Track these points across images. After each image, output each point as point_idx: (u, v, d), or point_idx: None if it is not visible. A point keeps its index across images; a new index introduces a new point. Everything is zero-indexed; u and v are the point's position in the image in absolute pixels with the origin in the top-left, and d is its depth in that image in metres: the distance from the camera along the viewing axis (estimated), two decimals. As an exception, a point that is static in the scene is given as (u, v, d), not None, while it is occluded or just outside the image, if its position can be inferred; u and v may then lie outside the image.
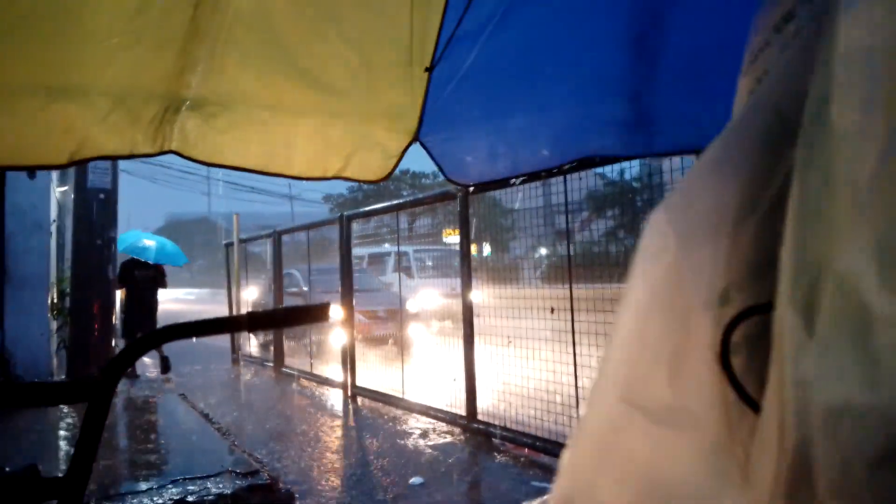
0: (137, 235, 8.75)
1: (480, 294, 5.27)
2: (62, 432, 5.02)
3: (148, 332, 0.96)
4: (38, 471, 0.87)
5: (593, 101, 1.39)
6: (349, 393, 6.49)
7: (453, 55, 1.42)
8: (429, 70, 1.44)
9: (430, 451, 4.51)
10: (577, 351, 4.11)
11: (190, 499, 3.41)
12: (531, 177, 1.65)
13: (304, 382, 7.61)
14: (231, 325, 1.06)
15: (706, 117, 1.26)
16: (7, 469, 0.86)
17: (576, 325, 4.14)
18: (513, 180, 3.30)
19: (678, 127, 1.31)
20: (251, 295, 10.03)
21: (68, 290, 7.66)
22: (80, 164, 1.40)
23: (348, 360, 6.59)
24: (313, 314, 1.10)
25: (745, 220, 0.29)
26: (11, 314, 6.93)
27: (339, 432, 5.31)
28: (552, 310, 4.68)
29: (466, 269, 4.95)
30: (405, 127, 1.55)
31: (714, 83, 1.22)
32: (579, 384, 4.05)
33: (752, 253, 0.29)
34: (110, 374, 0.92)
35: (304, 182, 1.58)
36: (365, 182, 1.60)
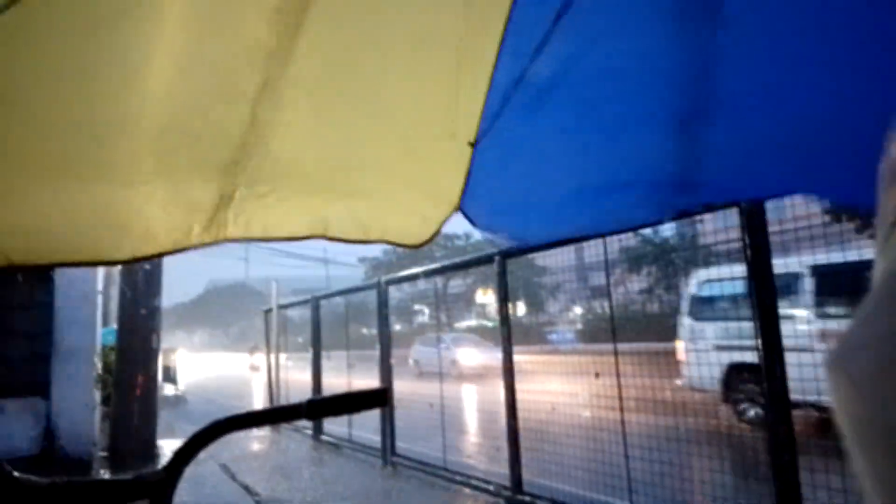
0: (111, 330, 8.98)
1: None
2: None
3: (210, 425, 0.96)
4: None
5: (637, 183, 1.40)
6: (388, 461, 6.36)
7: (497, 131, 1.45)
8: (472, 145, 1.47)
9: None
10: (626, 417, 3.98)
11: (232, 578, 3.33)
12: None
13: (344, 449, 7.50)
14: (291, 413, 1.05)
15: (748, 192, 1.27)
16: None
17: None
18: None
19: (719, 195, 1.33)
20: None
21: (113, 360, 7.78)
22: (142, 261, 1.44)
23: (388, 427, 6.49)
24: (372, 399, 1.09)
25: None
26: (58, 386, 7.05)
27: (379, 503, 5.18)
28: (596, 374, 4.57)
29: (506, 331, 4.89)
30: (447, 198, 1.58)
31: (758, 166, 1.23)
32: (629, 452, 3.90)
33: None
34: (173, 469, 0.91)
35: (340, 245, 1.62)
36: (405, 246, 1.62)
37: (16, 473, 0.84)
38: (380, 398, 1.09)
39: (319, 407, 1.04)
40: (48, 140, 1.19)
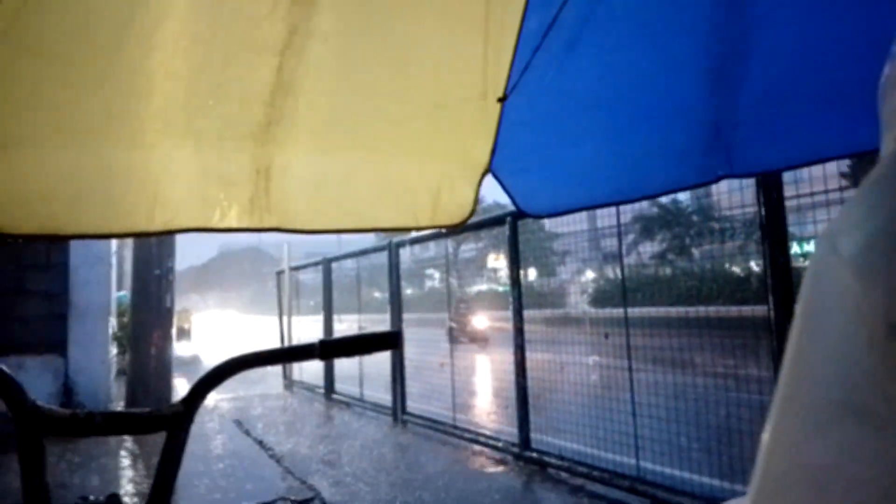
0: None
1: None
2: (125, 461, 5.15)
3: (223, 363, 0.98)
4: (119, 499, 0.88)
5: (669, 131, 1.37)
6: (400, 419, 6.47)
7: (526, 84, 1.41)
8: (501, 100, 1.44)
9: (482, 479, 4.44)
10: (633, 377, 4.02)
11: (247, 526, 3.43)
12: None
13: (355, 408, 7.63)
14: (303, 353, 1.06)
15: (786, 142, 1.23)
16: (91, 497, 0.87)
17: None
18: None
19: (756, 152, 1.28)
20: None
21: (127, 320, 7.92)
22: (174, 233, 1.42)
23: (398, 386, 6.58)
24: (384, 342, 1.10)
25: None
26: (75, 343, 7.19)
27: (390, 460, 5.29)
28: (606, 335, 4.59)
29: (517, 293, 4.91)
30: (478, 159, 1.53)
31: (795, 110, 1.20)
32: (636, 410, 3.94)
33: None
34: (189, 404, 0.93)
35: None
36: (449, 227, 1.58)
37: (39, 403, 0.86)
38: (391, 341, 1.10)
39: (331, 347, 1.06)
40: (79, 97, 1.15)
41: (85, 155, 1.21)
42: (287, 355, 1.08)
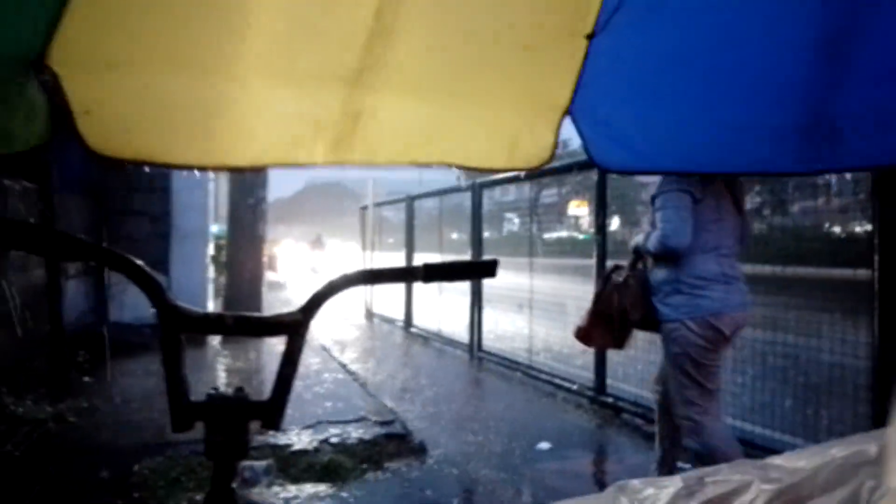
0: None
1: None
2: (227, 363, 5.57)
3: (338, 277, 1.05)
4: (246, 393, 0.98)
5: (765, 105, 1.24)
6: (475, 355, 6.64)
7: (617, 25, 1.32)
8: (589, 37, 1.36)
9: (556, 418, 4.53)
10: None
11: (333, 440, 3.68)
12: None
13: (432, 342, 7.87)
14: (409, 275, 1.12)
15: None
16: (220, 390, 0.98)
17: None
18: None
19: (868, 141, 1.17)
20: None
21: (224, 245, 8.39)
22: (262, 170, 1.46)
23: (475, 323, 6.72)
24: (482, 269, 1.15)
25: None
26: (177, 262, 7.70)
27: (465, 392, 5.46)
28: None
29: (601, 241, 4.85)
30: (558, 99, 1.46)
31: None
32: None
33: None
34: (307, 312, 1.01)
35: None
36: (527, 170, 1.56)
37: (178, 302, 0.96)
38: (489, 269, 1.14)
39: (434, 271, 1.11)
40: (182, 27, 1.18)
41: (183, 85, 1.24)
42: (396, 275, 1.14)
